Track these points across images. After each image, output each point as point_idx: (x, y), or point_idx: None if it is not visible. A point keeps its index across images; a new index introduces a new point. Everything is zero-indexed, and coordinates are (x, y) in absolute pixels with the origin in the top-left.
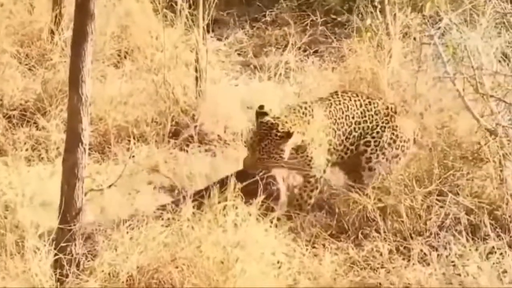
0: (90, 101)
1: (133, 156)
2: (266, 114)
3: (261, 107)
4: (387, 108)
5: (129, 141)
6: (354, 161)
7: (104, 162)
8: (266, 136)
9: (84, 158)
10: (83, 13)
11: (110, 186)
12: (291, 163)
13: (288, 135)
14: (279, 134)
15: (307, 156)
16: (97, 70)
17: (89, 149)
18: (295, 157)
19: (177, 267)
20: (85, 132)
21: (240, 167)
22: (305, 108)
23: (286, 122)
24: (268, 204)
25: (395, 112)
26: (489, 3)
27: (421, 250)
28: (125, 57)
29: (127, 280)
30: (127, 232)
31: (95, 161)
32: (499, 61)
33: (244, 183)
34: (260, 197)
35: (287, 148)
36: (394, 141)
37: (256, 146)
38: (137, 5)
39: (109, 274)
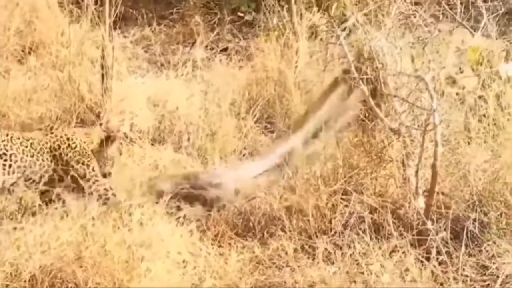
0: None
1: None
2: None
3: None
4: None
5: None
6: None
7: None
8: None
9: None
10: None
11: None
12: None
13: None
14: None
15: None
16: (1, 66)
17: None
18: None
19: (81, 267)
20: None
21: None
22: None
23: None
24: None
25: None
26: (393, 4)
27: (326, 249)
28: (29, 53)
29: (29, 280)
30: (30, 231)
31: None
32: (403, 61)
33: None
34: (168, 196)
35: None
36: None
37: None
38: (42, 0)
39: (11, 274)
